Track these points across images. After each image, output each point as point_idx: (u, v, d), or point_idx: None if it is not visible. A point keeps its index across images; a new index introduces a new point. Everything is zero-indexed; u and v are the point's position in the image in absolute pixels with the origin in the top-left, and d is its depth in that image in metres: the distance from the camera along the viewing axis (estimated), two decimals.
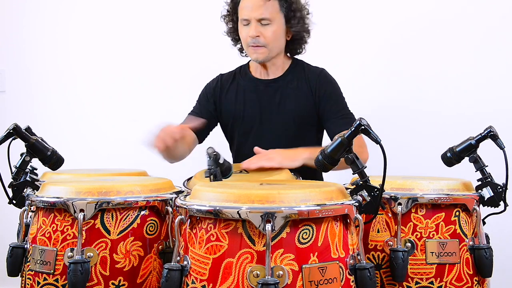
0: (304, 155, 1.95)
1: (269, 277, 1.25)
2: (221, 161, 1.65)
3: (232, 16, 2.24)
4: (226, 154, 2.04)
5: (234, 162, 2.26)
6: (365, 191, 1.47)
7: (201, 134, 2.25)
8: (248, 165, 1.92)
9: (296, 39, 2.23)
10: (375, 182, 1.48)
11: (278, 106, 2.18)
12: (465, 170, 1.80)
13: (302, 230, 1.31)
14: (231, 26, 2.27)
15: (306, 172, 2.04)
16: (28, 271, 1.56)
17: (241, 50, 2.31)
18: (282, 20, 2.15)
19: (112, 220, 1.53)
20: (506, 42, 2.67)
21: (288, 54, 2.27)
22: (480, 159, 1.76)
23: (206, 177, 1.64)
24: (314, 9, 2.27)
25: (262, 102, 2.22)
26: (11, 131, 1.72)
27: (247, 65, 2.33)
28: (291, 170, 1.97)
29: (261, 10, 2.10)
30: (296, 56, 2.30)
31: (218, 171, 1.63)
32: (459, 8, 2.73)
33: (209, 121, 2.27)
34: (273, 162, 1.92)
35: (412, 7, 2.78)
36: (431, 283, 1.63)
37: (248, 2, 2.14)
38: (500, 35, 2.68)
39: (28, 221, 1.66)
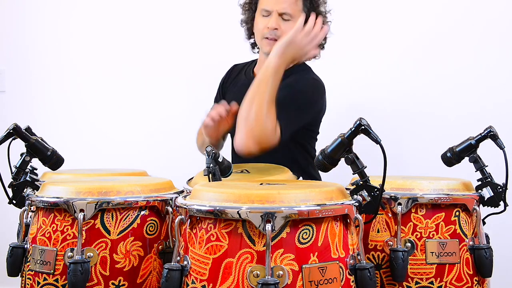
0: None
1: (269, 277, 1.25)
2: (220, 159, 1.65)
3: (252, 5, 2.19)
4: (226, 154, 2.04)
5: (232, 162, 2.26)
6: (365, 191, 1.47)
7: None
8: None
9: None
10: (375, 182, 1.48)
11: None
12: (465, 170, 1.80)
13: (302, 230, 1.31)
14: (248, 16, 2.22)
15: (306, 172, 2.04)
16: (28, 271, 1.56)
17: (252, 45, 2.28)
18: (302, 19, 2.12)
19: (112, 220, 1.53)
20: (506, 41, 2.68)
21: None
22: (480, 159, 1.76)
23: (205, 175, 1.63)
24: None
25: None
26: (11, 131, 1.72)
27: (255, 62, 2.29)
28: (292, 170, 1.97)
29: (285, 4, 2.07)
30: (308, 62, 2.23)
31: (217, 169, 1.63)
32: (458, 9, 2.73)
33: None
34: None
35: (413, 10, 2.78)
36: (431, 283, 1.63)
37: None
38: (500, 35, 2.68)
39: (28, 221, 1.66)
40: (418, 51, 2.77)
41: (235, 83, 2.28)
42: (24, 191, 1.73)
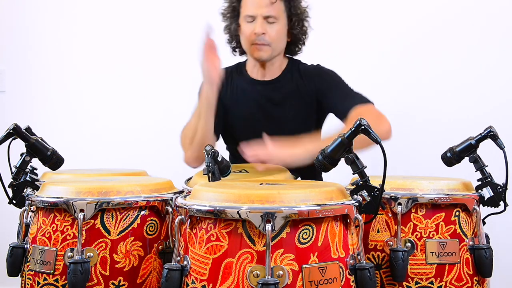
0: (302, 155, 1.86)
1: (269, 277, 1.25)
2: (219, 159, 1.64)
3: (233, 12, 2.19)
4: (224, 154, 2.04)
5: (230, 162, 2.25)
6: (365, 191, 1.47)
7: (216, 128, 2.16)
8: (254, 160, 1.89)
9: (294, 41, 2.21)
10: (375, 182, 1.48)
11: (277, 106, 2.18)
12: (465, 170, 1.80)
13: (302, 230, 1.31)
14: (229, 23, 2.22)
15: (306, 172, 2.04)
16: (28, 271, 1.56)
17: (234, 48, 2.27)
18: (285, 21, 2.13)
19: (112, 220, 1.53)
20: (507, 41, 2.68)
21: (286, 55, 2.26)
22: (480, 159, 1.76)
23: (204, 174, 1.63)
24: (320, 13, 2.27)
25: (261, 103, 2.20)
26: (11, 131, 1.72)
27: (243, 64, 2.29)
28: (291, 170, 1.97)
29: (269, 7, 2.08)
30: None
31: (216, 169, 1.62)
32: (457, 11, 2.73)
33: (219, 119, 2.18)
34: (272, 162, 1.88)
35: (413, 11, 2.78)
36: (431, 283, 1.63)
37: None
38: (500, 35, 2.68)
39: (28, 221, 1.66)
40: (418, 50, 2.77)
41: (229, 89, 2.25)
42: (24, 191, 1.73)
